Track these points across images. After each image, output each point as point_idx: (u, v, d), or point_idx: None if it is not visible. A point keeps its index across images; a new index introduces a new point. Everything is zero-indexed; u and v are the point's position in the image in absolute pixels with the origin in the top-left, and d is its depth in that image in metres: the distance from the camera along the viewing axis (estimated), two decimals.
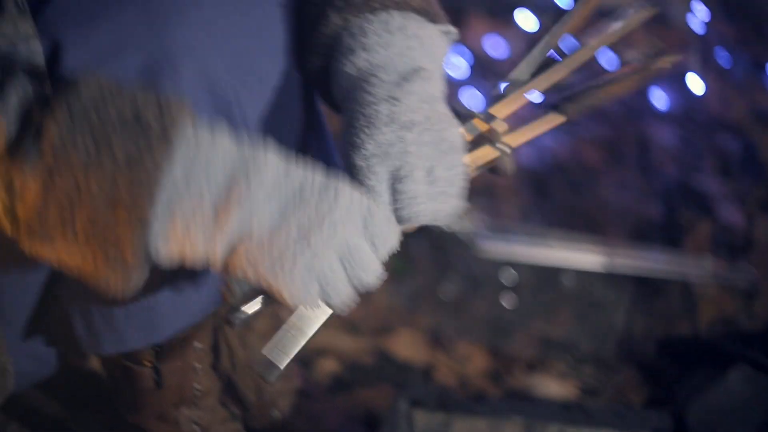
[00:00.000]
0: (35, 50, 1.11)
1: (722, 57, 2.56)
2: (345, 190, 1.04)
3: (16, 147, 1.04)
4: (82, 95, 1.03)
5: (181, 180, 1.02)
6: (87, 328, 1.25)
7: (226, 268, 1.06)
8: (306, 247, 1.03)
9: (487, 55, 2.61)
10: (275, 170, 1.05)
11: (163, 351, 1.31)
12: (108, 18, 1.15)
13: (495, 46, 2.65)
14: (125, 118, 1.02)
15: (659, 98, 2.47)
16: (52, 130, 1.02)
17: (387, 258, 1.07)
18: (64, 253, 1.06)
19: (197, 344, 1.34)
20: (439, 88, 1.16)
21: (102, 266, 1.06)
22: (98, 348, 1.27)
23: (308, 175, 1.05)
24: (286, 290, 1.04)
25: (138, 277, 1.06)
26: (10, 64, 1.09)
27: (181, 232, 1.04)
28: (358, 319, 1.98)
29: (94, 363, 1.62)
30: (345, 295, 1.06)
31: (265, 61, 1.27)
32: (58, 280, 1.25)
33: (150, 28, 1.16)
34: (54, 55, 1.13)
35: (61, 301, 1.24)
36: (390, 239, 1.07)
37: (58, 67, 1.13)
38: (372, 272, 1.06)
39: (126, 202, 1.02)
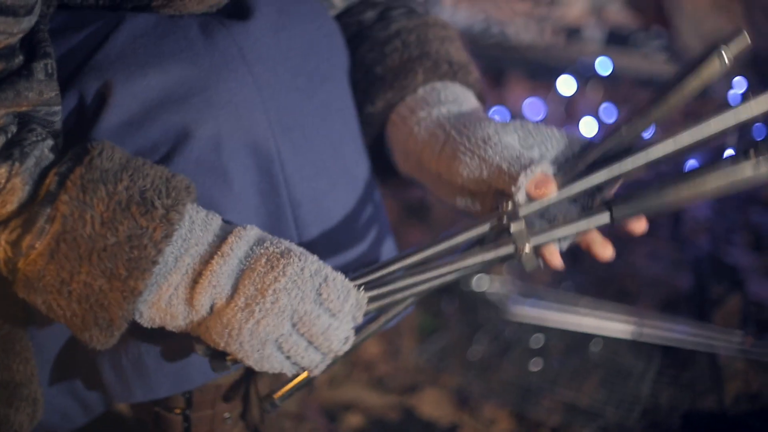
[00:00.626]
0: (56, 116, 1.17)
1: (759, 131, 2.57)
2: (297, 260, 1.11)
3: (28, 208, 1.10)
4: (97, 168, 1.09)
5: (173, 258, 1.10)
6: (117, 377, 1.27)
7: (199, 335, 1.14)
8: (249, 315, 1.09)
9: (525, 118, 2.64)
10: (245, 247, 1.12)
11: (193, 399, 1.33)
12: (160, 68, 1.21)
13: (534, 109, 2.68)
14: (132, 196, 1.09)
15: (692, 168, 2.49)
16: (64, 200, 1.08)
17: (353, 324, 1.13)
18: (54, 306, 1.11)
19: (228, 393, 1.36)
20: None
21: (89, 324, 1.12)
22: (129, 397, 1.29)
23: (268, 248, 1.12)
24: (240, 356, 1.12)
25: (119, 335, 1.13)
26: (32, 127, 1.14)
27: (164, 303, 1.11)
28: (385, 375, 2.00)
29: (123, 406, 1.65)
30: (310, 360, 1.13)
31: (313, 121, 1.33)
32: None
33: (197, 82, 1.21)
34: (102, 96, 1.19)
35: (90, 349, 1.29)
36: (345, 307, 1.12)
37: (101, 112, 1.19)
38: (333, 338, 1.12)
39: (122, 276, 1.08)
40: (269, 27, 1.29)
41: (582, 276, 2.23)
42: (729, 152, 2.16)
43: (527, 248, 1.14)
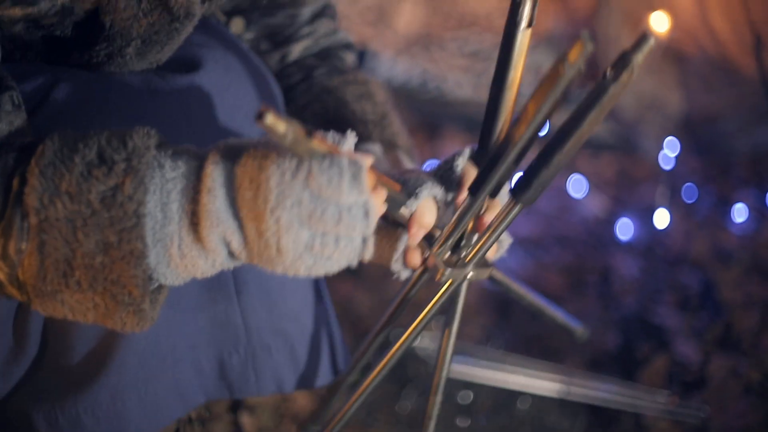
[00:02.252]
0: (31, 141, 1.15)
1: (689, 192, 2.64)
2: (275, 168, 1.05)
3: (3, 216, 1.08)
4: (47, 152, 1.08)
5: (158, 210, 1.07)
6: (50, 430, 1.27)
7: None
8: (266, 245, 1.06)
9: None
10: (224, 172, 1.07)
11: None
12: (102, 126, 1.18)
13: None
14: (90, 162, 1.07)
15: (625, 229, 2.55)
16: (29, 194, 1.06)
17: (363, 194, 1.06)
18: (74, 303, 1.10)
19: None
20: None
21: (113, 307, 1.10)
22: None
23: (246, 165, 1.06)
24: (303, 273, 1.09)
25: (151, 309, 1.11)
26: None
27: (178, 256, 1.09)
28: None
29: None
30: (351, 249, 1.08)
31: None
32: (26, 382, 1.28)
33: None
34: None
35: (23, 403, 1.27)
36: (343, 188, 1.05)
37: None
38: (353, 221, 1.06)
39: (114, 243, 1.06)
40: (214, 85, 1.33)
41: (510, 333, 2.26)
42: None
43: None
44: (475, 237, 1.22)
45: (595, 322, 2.26)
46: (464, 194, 1.19)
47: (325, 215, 1.05)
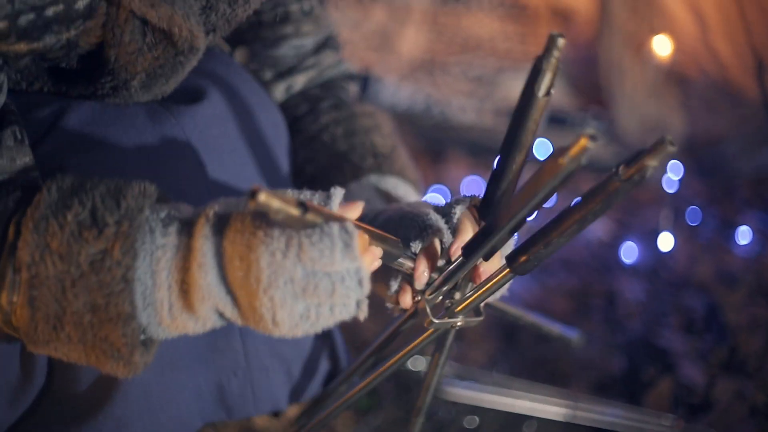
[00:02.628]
0: (34, 180, 1.18)
1: (693, 215, 2.66)
2: (264, 248, 1.05)
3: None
4: (42, 204, 1.09)
5: (148, 276, 1.08)
6: None
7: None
8: (261, 319, 1.07)
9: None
10: (213, 246, 1.08)
11: None
12: (108, 154, 1.25)
13: (473, 188, 2.75)
14: (82, 221, 1.08)
15: (629, 252, 2.56)
16: (22, 248, 1.08)
17: (356, 261, 1.06)
18: (65, 352, 1.11)
19: None
20: None
21: (102, 359, 1.10)
22: None
23: (235, 242, 1.07)
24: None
25: (143, 359, 1.11)
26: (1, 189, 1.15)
27: (168, 318, 1.10)
28: None
29: None
30: (346, 313, 1.08)
31: None
32: (33, 412, 1.29)
33: (147, 171, 1.25)
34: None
35: None
36: (335, 259, 1.05)
37: None
38: (347, 291, 1.07)
39: (102, 305, 1.07)
40: (218, 116, 1.35)
41: (515, 358, 2.27)
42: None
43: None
44: (469, 286, 1.23)
45: (601, 346, 2.27)
46: (457, 246, 1.20)
47: (319, 288, 1.05)
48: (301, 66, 1.58)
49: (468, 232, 1.21)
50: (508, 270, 1.16)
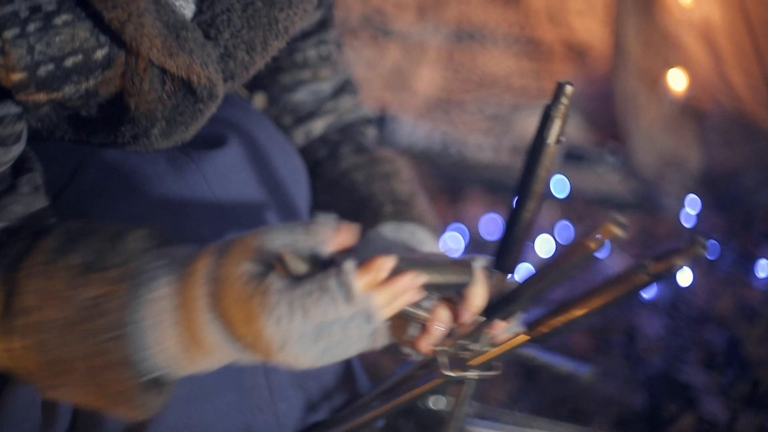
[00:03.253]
0: (49, 226, 1.20)
1: (711, 248, 2.67)
2: (272, 302, 1.06)
3: (4, 308, 1.13)
4: (48, 248, 1.12)
5: (151, 322, 1.09)
6: None
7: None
8: (276, 354, 1.07)
9: (481, 236, 2.74)
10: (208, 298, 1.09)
11: None
12: (130, 203, 1.28)
13: (491, 226, 2.78)
14: (85, 264, 1.11)
15: (648, 287, 2.56)
16: (25, 293, 1.11)
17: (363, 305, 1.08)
18: (76, 396, 1.14)
19: None
20: None
21: (109, 402, 1.13)
22: None
23: (235, 285, 1.08)
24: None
25: (155, 400, 1.13)
26: (7, 239, 1.18)
27: (178, 359, 1.11)
28: None
29: None
30: (362, 347, 1.11)
31: None
32: None
33: (168, 218, 1.29)
34: None
35: None
36: (342, 311, 1.07)
37: None
38: (358, 333, 1.09)
39: (102, 349, 1.09)
40: (238, 161, 1.39)
41: (537, 396, 2.28)
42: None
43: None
44: (484, 340, 1.26)
45: (621, 382, 2.28)
46: (469, 313, 1.24)
47: (332, 333, 1.07)
48: (319, 111, 1.62)
49: (478, 294, 1.24)
50: (525, 337, 1.21)
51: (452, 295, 1.25)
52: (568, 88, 1.13)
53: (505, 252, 1.21)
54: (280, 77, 1.60)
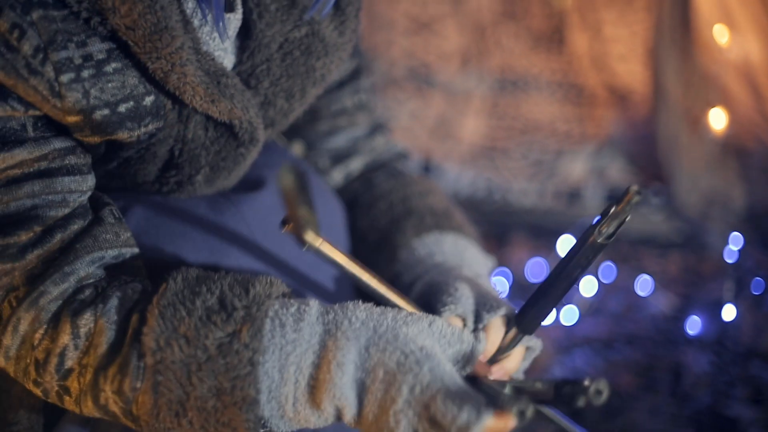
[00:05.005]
0: (136, 255, 1.30)
1: (757, 285, 2.69)
2: (410, 377, 1.14)
3: (118, 351, 1.19)
4: (168, 293, 1.19)
5: (276, 370, 1.16)
6: None
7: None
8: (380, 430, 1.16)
9: (526, 279, 2.79)
10: (355, 349, 1.17)
11: None
12: (173, 245, 1.36)
13: (536, 270, 2.84)
14: (210, 307, 1.18)
15: (693, 324, 2.62)
16: (147, 334, 1.17)
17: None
18: None
19: None
20: None
21: None
22: None
23: (383, 356, 1.16)
24: None
25: None
26: (112, 268, 1.27)
27: (291, 412, 1.17)
28: None
29: None
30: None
31: (319, 292, 1.49)
32: None
33: (209, 257, 1.37)
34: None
35: None
36: (454, 426, 1.13)
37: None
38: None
39: (227, 389, 1.15)
40: (278, 204, 1.46)
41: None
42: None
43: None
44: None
45: (669, 419, 2.30)
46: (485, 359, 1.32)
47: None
48: (356, 151, 1.69)
49: (494, 344, 1.33)
50: (516, 331, 1.30)
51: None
52: (636, 198, 1.16)
53: (526, 316, 1.30)
54: (317, 125, 1.68)
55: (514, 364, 1.35)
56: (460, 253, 1.52)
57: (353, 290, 1.55)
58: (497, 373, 1.31)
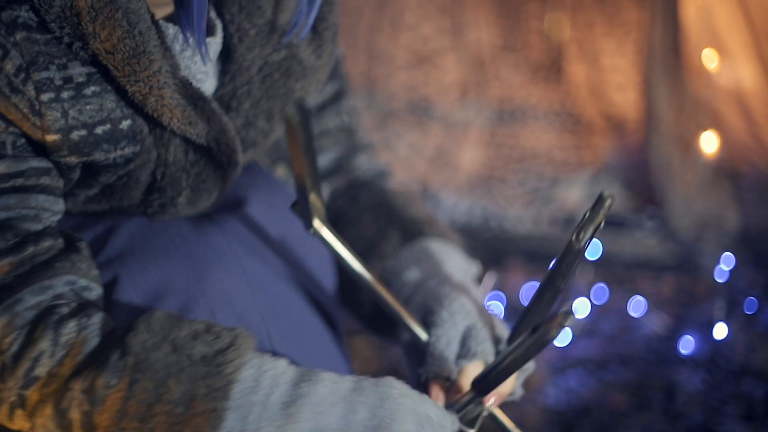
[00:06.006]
0: (101, 295, 1.34)
1: (750, 304, 2.72)
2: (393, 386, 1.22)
3: (97, 355, 1.21)
4: (157, 314, 1.23)
5: (250, 377, 1.19)
6: None
7: None
8: None
9: (521, 303, 2.82)
10: (329, 382, 1.21)
11: None
12: (157, 263, 1.40)
13: (530, 294, 2.85)
14: (198, 329, 1.22)
15: (686, 344, 2.64)
16: (134, 337, 1.20)
17: None
18: None
19: None
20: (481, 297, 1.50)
21: None
22: None
23: (358, 379, 1.23)
24: None
25: None
26: (83, 297, 1.30)
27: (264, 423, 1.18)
28: None
29: None
30: None
31: (297, 307, 1.53)
32: None
33: (192, 274, 1.40)
34: (113, 286, 1.37)
35: None
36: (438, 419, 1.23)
37: (110, 304, 1.36)
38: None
39: (201, 394, 1.17)
40: (258, 221, 1.49)
41: None
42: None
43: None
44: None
45: None
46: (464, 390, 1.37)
47: None
48: (339, 170, 1.73)
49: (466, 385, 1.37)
50: (473, 393, 1.33)
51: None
52: (608, 202, 1.23)
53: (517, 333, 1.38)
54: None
55: (508, 388, 1.39)
56: (446, 259, 1.56)
57: (333, 319, 1.60)
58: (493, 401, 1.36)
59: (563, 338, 2.57)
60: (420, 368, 1.43)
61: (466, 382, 1.37)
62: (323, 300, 1.58)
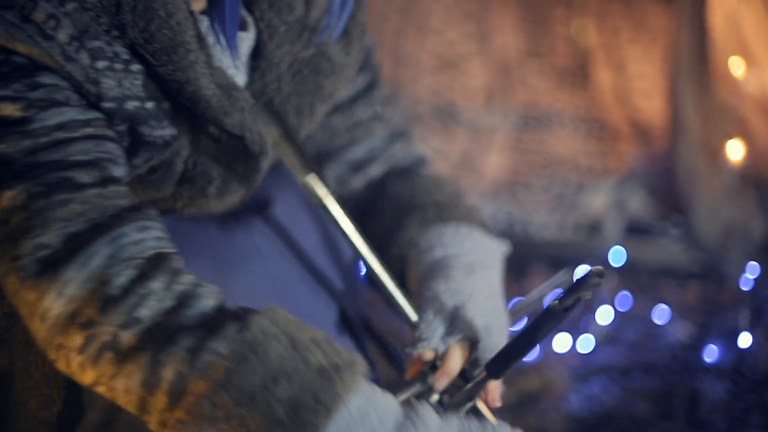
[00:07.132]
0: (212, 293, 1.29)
1: None
2: None
3: (211, 320, 1.19)
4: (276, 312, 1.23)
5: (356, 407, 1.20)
6: None
7: None
8: None
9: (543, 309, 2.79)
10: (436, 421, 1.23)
11: None
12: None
13: (554, 299, 2.84)
14: (319, 338, 1.23)
15: (710, 352, 2.63)
16: (254, 320, 1.19)
17: None
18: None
19: None
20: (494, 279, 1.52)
21: None
22: None
23: (462, 421, 1.25)
24: None
25: None
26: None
27: None
28: None
29: None
30: None
31: (321, 309, 1.54)
32: None
33: (218, 274, 1.41)
34: None
35: None
36: None
37: None
38: None
39: (304, 403, 1.16)
40: (284, 222, 1.52)
41: None
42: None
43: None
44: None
45: None
46: (442, 374, 1.40)
47: None
48: (374, 159, 1.73)
49: (453, 365, 1.40)
50: (485, 372, 1.38)
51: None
52: (597, 279, 1.25)
53: (501, 360, 1.38)
54: (335, 140, 1.71)
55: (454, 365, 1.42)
56: (461, 242, 1.56)
57: (355, 323, 1.61)
58: (440, 382, 1.39)
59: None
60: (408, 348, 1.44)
61: (452, 361, 1.40)
62: (347, 303, 1.59)
